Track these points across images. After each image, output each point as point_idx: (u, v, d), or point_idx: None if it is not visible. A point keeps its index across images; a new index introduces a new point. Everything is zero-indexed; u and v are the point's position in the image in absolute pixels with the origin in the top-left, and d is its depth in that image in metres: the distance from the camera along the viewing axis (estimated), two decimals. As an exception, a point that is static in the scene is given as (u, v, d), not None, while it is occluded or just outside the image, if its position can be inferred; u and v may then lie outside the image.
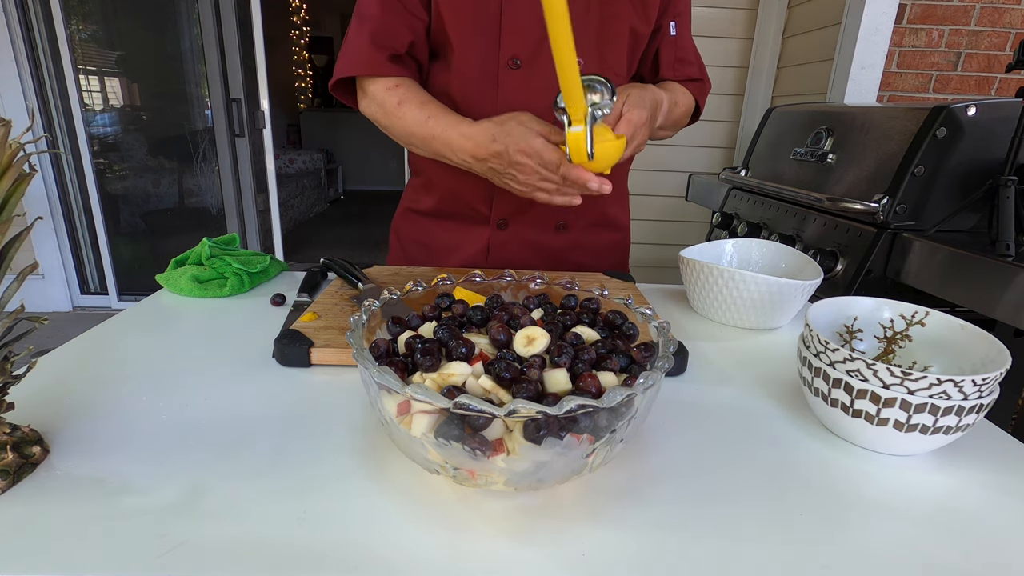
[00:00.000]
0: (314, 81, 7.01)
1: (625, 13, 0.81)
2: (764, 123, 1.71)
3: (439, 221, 0.93)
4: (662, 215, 2.75)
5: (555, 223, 0.91)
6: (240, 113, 2.88)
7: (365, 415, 0.48)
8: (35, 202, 2.78)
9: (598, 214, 0.94)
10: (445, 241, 0.93)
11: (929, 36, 1.97)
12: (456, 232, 0.92)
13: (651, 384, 0.34)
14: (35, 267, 0.38)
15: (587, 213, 0.92)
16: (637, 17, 0.82)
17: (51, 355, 0.56)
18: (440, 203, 0.92)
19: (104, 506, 0.36)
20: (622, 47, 0.83)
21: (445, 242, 0.93)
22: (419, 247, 0.95)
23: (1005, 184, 1.00)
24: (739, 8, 2.43)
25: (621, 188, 0.97)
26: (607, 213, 0.95)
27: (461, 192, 0.89)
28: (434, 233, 0.94)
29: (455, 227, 0.92)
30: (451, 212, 0.91)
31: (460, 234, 0.92)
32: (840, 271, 1.18)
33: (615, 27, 0.81)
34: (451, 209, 0.91)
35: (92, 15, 2.75)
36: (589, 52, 0.80)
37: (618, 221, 0.99)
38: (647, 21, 0.83)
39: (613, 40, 0.82)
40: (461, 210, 0.91)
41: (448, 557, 0.33)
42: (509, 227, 0.89)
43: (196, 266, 0.76)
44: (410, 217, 0.97)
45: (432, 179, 0.91)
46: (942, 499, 0.41)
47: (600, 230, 0.96)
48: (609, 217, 0.96)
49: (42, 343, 0.46)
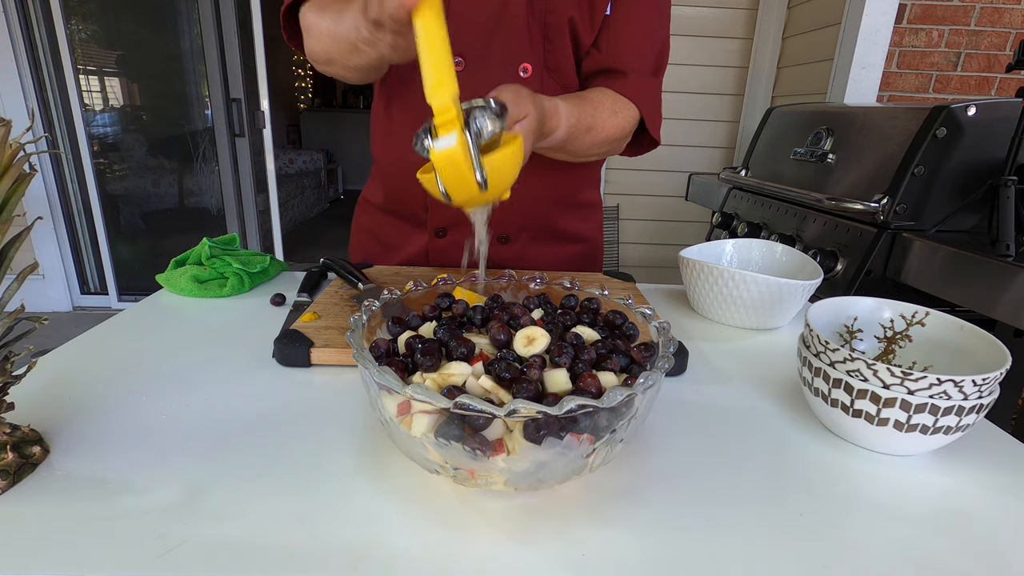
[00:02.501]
0: (314, 81, 7.01)
1: (563, 3, 0.73)
2: (764, 123, 1.71)
3: (387, 216, 0.91)
4: (662, 215, 2.75)
5: (496, 235, 0.85)
6: (240, 113, 2.88)
7: (365, 415, 0.48)
8: (35, 202, 2.78)
9: (544, 226, 0.87)
10: (392, 237, 0.91)
11: (929, 36, 1.97)
12: (400, 231, 0.90)
13: (651, 384, 0.34)
14: (35, 267, 0.38)
15: (530, 225, 0.86)
16: (577, 6, 0.73)
17: (51, 355, 0.56)
18: (387, 199, 0.89)
19: (104, 506, 0.36)
20: (564, 45, 0.75)
21: (392, 238, 0.91)
22: (371, 237, 0.94)
23: (1005, 184, 1.00)
24: (739, 8, 2.44)
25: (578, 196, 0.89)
26: (558, 224, 0.88)
27: (401, 192, 0.86)
28: (384, 227, 0.92)
29: (400, 225, 0.90)
30: (395, 210, 0.89)
31: (404, 233, 0.89)
32: (840, 271, 1.18)
33: (554, 22, 0.74)
34: (394, 207, 0.89)
35: (92, 15, 2.75)
36: (531, 55, 0.75)
37: (577, 233, 0.90)
38: (592, 7, 0.74)
39: (554, 37, 0.74)
40: (402, 210, 0.88)
41: (448, 557, 0.33)
42: (448, 235, 0.86)
43: (196, 266, 0.76)
44: (365, 207, 0.95)
45: (381, 168, 0.88)
46: (942, 499, 0.41)
47: (551, 243, 0.88)
48: (560, 228, 0.88)
49: (42, 343, 0.46)
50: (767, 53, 2.40)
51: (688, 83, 2.52)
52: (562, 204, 0.88)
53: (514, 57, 0.75)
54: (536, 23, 0.74)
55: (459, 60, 0.75)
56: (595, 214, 0.94)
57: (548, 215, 0.87)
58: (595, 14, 0.75)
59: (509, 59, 0.75)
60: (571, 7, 0.74)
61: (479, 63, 0.75)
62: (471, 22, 0.73)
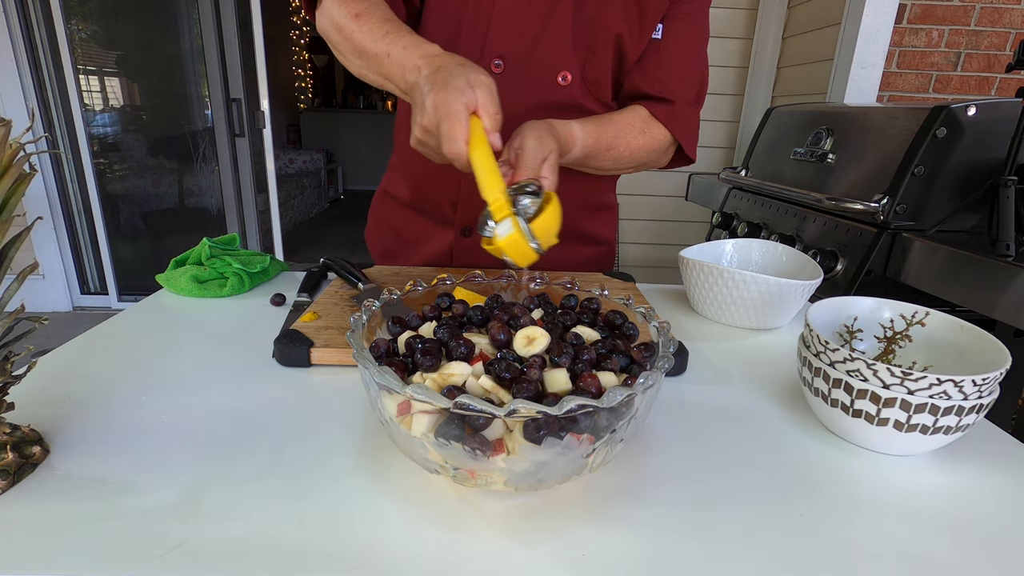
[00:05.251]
0: (314, 81, 7.01)
1: (613, 20, 0.73)
2: (764, 123, 1.71)
3: (411, 212, 0.90)
4: (662, 215, 2.75)
5: None
6: (240, 113, 2.88)
7: (365, 415, 0.48)
8: (35, 202, 2.78)
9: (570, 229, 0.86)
10: (414, 234, 0.90)
11: (929, 36, 1.97)
12: (424, 228, 0.89)
13: (651, 384, 0.34)
14: (35, 267, 0.38)
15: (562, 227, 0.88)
16: (627, 23, 0.73)
17: (51, 355, 0.56)
18: (412, 195, 0.88)
19: (104, 506, 0.36)
20: (607, 59, 0.76)
21: (414, 235, 0.90)
22: (392, 232, 0.93)
23: (1005, 184, 1.00)
24: (739, 8, 2.43)
25: (601, 199, 0.91)
26: (583, 228, 0.89)
27: (428, 189, 0.85)
28: (405, 223, 0.91)
29: (423, 222, 0.88)
30: (420, 207, 0.88)
31: (427, 231, 0.88)
32: (840, 271, 1.18)
33: (601, 36, 0.74)
34: (420, 204, 0.88)
35: (92, 15, 2.75)
36: (571, 64, 0.74)
37: (598, 235, 0.92)
38: (641, 27, 0.74)
39: (599, 50, 0.75)
40: (428, 207, 0.87)
41: (448, 557, 0.33)
42: (474, 234, 0.85)
43: (196, 266, 0.76)
44: (386, 200, 0.94)
45: (407, 165, 0.87)
46: (942, 499, 0.41)
47: (574, 245, 0.88)
48: (584, 231, 0.90)
49: (42, 343, 0.46)
50: (767, 53, 2.40)
51: (688, 83, 2.51)
52: (587, 207, 0.89)
53: (555, 64, 0.75)
54: (582, 34, 0.74)
55: (498, 62, 0.74)
56: (613, 216, 0.96)
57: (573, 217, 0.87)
58: (644, 34, 0.75)
59: (550, 66, 0.75)
60: (620, 24, 0.73)
61: (519, 67, 0.74)
62: (515, 25, 0.73)
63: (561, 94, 0.76)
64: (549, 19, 0.72)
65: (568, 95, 0.76)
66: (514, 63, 0.74)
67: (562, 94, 0.76)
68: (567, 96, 0.76)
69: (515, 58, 0.74)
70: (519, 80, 0.74)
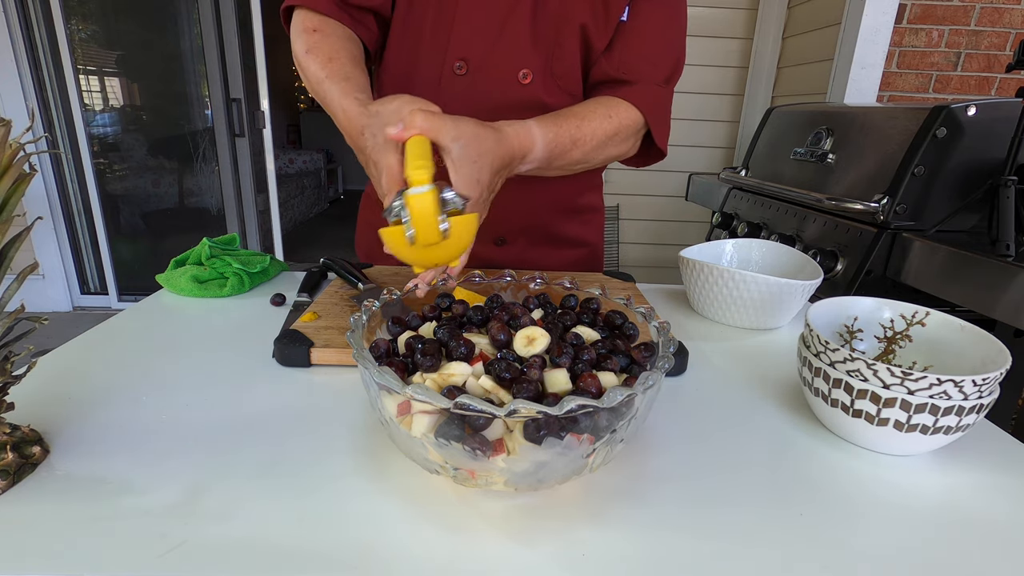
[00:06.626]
0: (314, 81, 7.01)
1: (577, 10, 0.71)
2: (764, 123, 1.71)
3: None
4: (662, 215, 2.75)
5: (493, 237, 0.84)
6: (240, 113, 2.88)
7: (365, 415, 0.48)
8: (35, 202, 2.78)
9: (543, 231, 0.85)
10: None
11: (929, 36, 1.97)
12: None
13: (651, 384, 0.34)
14: (35, 267, 0.38)
15: (529, 229, 0.85)
16: (591, 12, 0.71)
17: (51, 355, 0.56)
18: None
19: (104, 506, 0.36)
20: (573, 51, 0.74)
21: None
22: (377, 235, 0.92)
23: (1005, 184, 1.00)
24: (739, 8, 2.44)
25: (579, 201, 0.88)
26: (558, 230, 0.86)
27: None
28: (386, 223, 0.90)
29: None
30: None
31: None
32: (840, 271, 1.18)
33: (565, 28, 0.72)
34: None
35: (92, 15, 2.75)
36: (531, 61, 0.73)
37: (577, 238, 0.89)
38: (607, 13, 0.72)
39: (564, 42, 0.73)
40: None
41: (448, 557, 0.33)
42: None
43: (196, 266, 0.76)
44: (371, 204, 0.93)
45: None
46: (942, 499, 0.41)
47: (550, 247, 0.87)
48: (560, 234, 0.87)
49: (42, 343, 0.46)
50: (767, 53, 2.40)
51: (688, 83, 2.52)
52: (562, 209, 0.87)
53: (515, 63, 0.74)
54: (543, 29, 0.73)
55: (461, 64, 0.73)
56: (596, 219, 0.93)
57: (547, 220, 0.86)
58: (610, 19, 0.73)
59: (510, 65, 0.74)
60: (585, 14, 0.72)
61: (480, 67, 0.74)
62: (476, 27, 0.72)
63: (523, 93, 0.74)
64: (509, 17, 0.72)
65: (531, 93, 0.75)
66: (476, 64, 0.74)
67: (524, 93, 0.75)
68: (530, 94, 0.75)
69: (477, 58, 0.73)
70: (481, 81, 0.74)
